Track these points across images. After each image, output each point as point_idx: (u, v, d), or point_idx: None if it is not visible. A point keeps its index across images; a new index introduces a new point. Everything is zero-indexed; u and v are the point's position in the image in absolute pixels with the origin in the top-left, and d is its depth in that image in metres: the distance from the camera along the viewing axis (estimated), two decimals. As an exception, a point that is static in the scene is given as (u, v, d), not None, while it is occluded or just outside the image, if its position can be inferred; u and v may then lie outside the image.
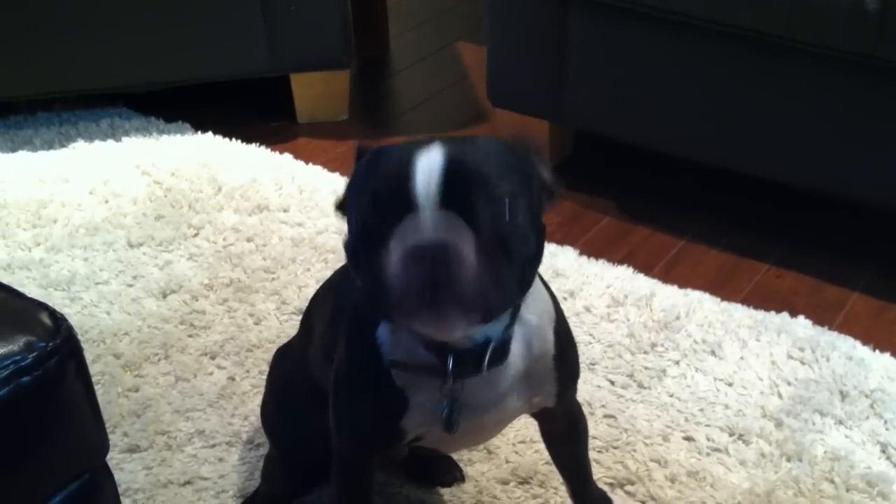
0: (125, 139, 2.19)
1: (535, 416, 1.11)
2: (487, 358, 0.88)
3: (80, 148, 2.16)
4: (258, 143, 2.16)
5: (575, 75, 1.88)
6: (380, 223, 0.78)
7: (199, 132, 2.21)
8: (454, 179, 0.77)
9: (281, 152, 2.13)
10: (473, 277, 0.75)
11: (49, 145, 2.18)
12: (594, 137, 2.10)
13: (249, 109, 2.39)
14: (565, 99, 1.91)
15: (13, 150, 2.16)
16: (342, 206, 0.89)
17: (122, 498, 1.20)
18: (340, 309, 1.02)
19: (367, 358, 0.92)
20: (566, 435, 1.15)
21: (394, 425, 0.96)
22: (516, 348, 0.92)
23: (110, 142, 2.18)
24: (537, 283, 0.95)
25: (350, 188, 0.86)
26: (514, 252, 0.79)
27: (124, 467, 1.34)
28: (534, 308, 0.93)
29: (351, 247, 0.84)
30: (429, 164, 0.77)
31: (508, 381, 0.94)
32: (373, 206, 0.79)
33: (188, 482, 1.32)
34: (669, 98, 1.80)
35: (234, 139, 2.17)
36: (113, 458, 1.33)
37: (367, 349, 0.92)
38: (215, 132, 2.20)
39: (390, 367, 0.91)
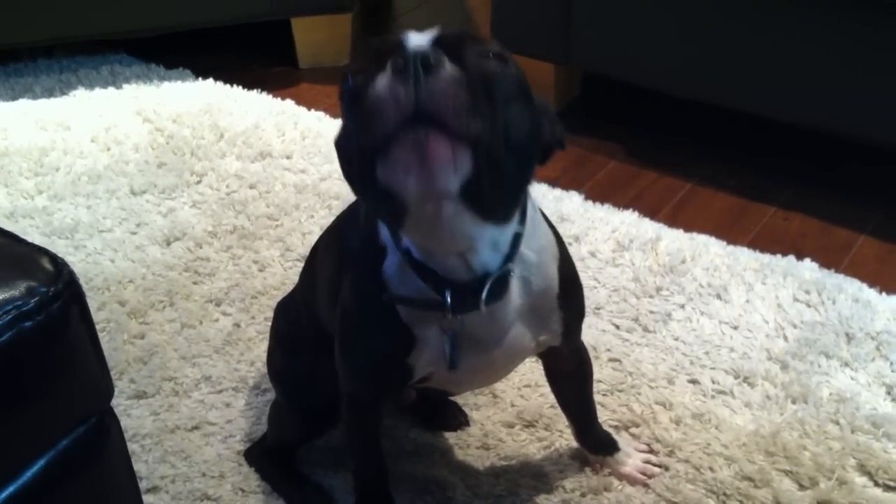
0: (126, 86, 2.17)
1: (541, 355, 1.12)
2: (486, 292, 0.87)
3: (80, 95, 2.15)
4: (260, 90, 2.14)
5: (582, 16, 1.85)
6: (369, 68, 0.75)
7: (200, 79, 2.20)
8: (446, 34, 0.77)
9: (283, 98, 2.11)
10: (458, 96, 0.71)
11: (50, 93, 2.17)
12: (601, 81, 2.08)
13: (250, 55, 2.37)
14: (572, 40, 1.88)
15: (14, 97, 2.15)
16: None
17: (130, 443, 1.21)
18: (347, 251, 1.01)
19: (374, 294, 0.91)
20: (572, 375, 1.15)
21: (401, 362, 0.95)
22: (515, 283, 0.91)
23: (111, 89, 2.17)
24: (538, 220, 0.95)
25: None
26: (500, 98, 0.75)
27: (132, 413, 1.35)
28: (534, 245, 0.92)
29: (342, 114, 0.81)
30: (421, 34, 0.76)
31: (510, 317, 0.93)
32: (363, 58, 0.77)
33: (196, 427, 1.33)
34: (678, 38, 1.77)
35: (235, 85, 2.16)
36: (120, 404, 1.34)
37: (373, 286, 0.91)
38: (216, 78, 2.19)
39: (390, 302, 0.91)
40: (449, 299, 0.87)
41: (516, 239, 0.88)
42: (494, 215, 0.80)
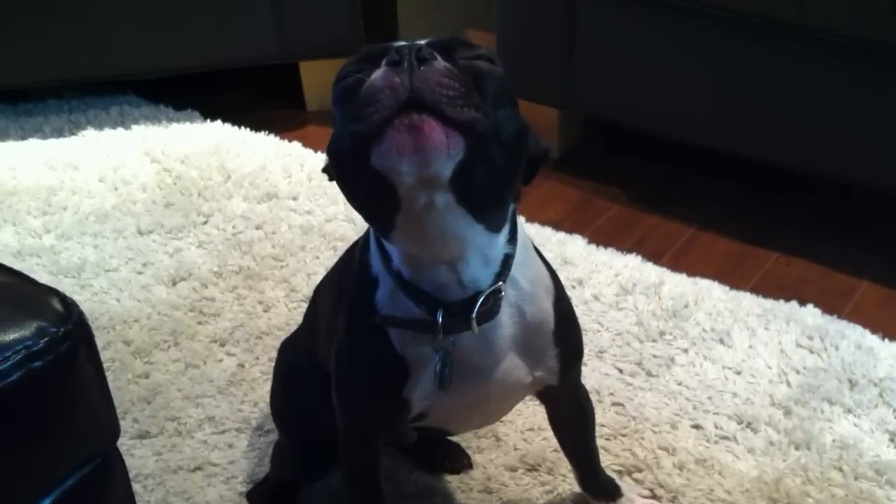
0: (135, 127, 2.19)
1: (542, 398, 1.12)
2: (476, 310, 0.88)
3: (89, 136, 2.17)
4: (267, 131, 2.16)
5: (584, 62, 1.87)
6: (363, 69, 0.78)
7: (209, 120, 2.22)
8: (438, 39, 0.80)
9: (290, 140, 2.13)
10: (451, 85, 0.74)
11: (59, 133, 2.19)
12: (603, 125, 2.10)
13: (258, 97, 2.39)
14: (575, 86, 1.90)
15: (23, 137, 2.17)
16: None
17: (132, 483, 1.21)
18: (343, 287, 1.02)
19: (368, 325, 0.92)
20: (573, 418, 1.15)
21: (395, 395, 0.95)
22: (507, 311, 0.92)
23: (120, 129, 2.19)
24: (531, 250, 0.96)
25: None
26: (490, 94, 0.78)
27: (135, 453, 1.35)
28: (527, 274, 0.93)
29: (335, 116, 0.83)
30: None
31: (503, 345, 0.94)
32: (357, 61, 0.80)
33: (198, 468, 1.33)
34: (679, 84, 1.79)
35: (243, 127, 2.18)
36: (123, 444, 1.34)
37: (366, 316, 0.92)
38: (224, 120, 2.21)
39: (383, 323, 0.92)
40: (440, 319, 0.88)
41: (507, 260, 0.89)
42: (484, 214, 0.82)
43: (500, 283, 0.89)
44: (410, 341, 0.92)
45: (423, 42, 0.79)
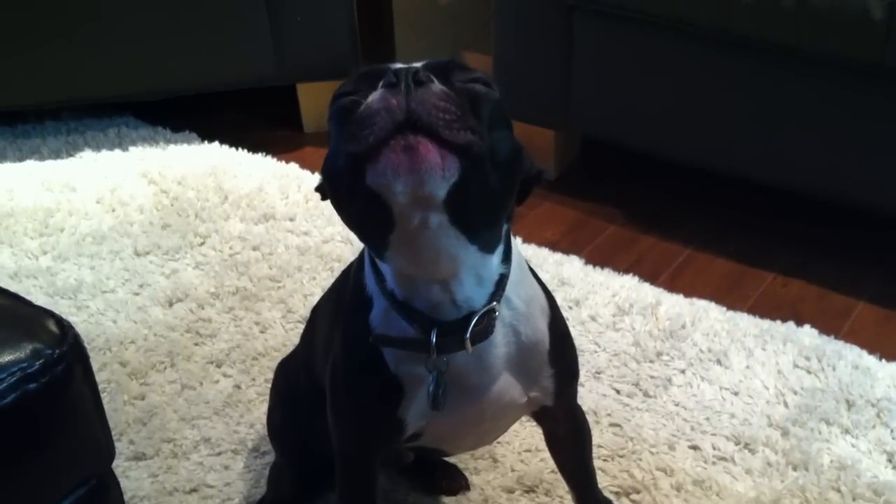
0: (132, 148, 2.20)
1: (538, 419, 1.11)
2: (470, 329, 0.87)
3: (87, 157, 2.17)
4: (264, 153, 2.17)
5: (581, 83, 1.88)
6: (360, 90, 0.79)
7: (206, 141, 2.22)
8: (434, 61, 0.81)
9: (287, 161, 2.14)
10: (447, 107, 0.75)
11: (56, 154, 2.19)
12: (600, 145, 2.11)
13: (256, 119, 2.40)
14: (572, 107, 1.91)
15: (21, 159, 2.18)
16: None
17: (127, 505, 1.21)
18: (339, 307, 1.02)
19: (362, 344, 0.92)
20: (569, 439, 1.15)
21: (390, 413, 0.95)
22: (502, 331, 0.92)
23: (117, 151, 2.19)
24: (525, 270, 0.96)
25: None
26: (485, 117, 0.78)
27: (130, 475, 1.34)
28: (522, 294, 0.93)
29: (330, 137, 0.83)
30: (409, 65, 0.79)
31: (498, 364, 0.93)
32: (354, 82, 0.81)
33: (194, 490, 1.32)
34: (676, 105, 1.80)
35: (240, 148, 2.18)
36: (119, 465, 1.34)
37: (361, 336, 0.92)
38: (222, 141, 2.21)
39: (377, 342, 0.92)
40: (434, 338, 0.88)
41: (501, 280, 0.90)
42: (478, 234, 0.82)
43: (495, 303, 0.89)
44: (405, 361, 0.92)
45: (419, 64, 0.79)
